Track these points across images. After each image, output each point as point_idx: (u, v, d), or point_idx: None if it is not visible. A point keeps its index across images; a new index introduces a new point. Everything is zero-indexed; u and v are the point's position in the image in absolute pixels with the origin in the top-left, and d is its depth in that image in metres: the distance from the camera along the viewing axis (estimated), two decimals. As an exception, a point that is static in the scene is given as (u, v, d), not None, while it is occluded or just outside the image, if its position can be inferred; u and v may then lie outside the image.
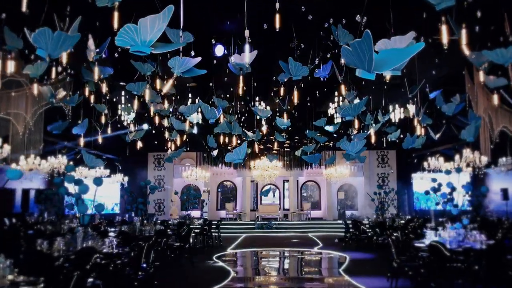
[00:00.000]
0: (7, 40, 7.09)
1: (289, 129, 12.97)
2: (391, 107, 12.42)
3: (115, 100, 12.46)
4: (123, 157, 25.37)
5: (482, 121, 12.38)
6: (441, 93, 10.41)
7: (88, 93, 10.28)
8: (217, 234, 17.08)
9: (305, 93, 9.77)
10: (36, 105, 12.68)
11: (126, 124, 13.36)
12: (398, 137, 13.01)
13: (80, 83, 10.45)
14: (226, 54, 9.14)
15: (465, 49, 6.64)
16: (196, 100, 9.28)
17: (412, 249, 8.98)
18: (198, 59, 5.42)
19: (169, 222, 17.12)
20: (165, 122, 12.99)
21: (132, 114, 12.22)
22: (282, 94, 9.12)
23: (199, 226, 16.38)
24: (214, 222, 18.25)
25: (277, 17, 5.59)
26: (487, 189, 19.54)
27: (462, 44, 6.69)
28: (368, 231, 15.42)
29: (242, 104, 13.39)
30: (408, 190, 26.07)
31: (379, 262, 12.33)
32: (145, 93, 8.37)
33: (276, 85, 10.16)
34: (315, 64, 8.28)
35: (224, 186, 27.73)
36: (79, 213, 8.85)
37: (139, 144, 14.65)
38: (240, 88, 8.31)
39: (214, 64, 9.00)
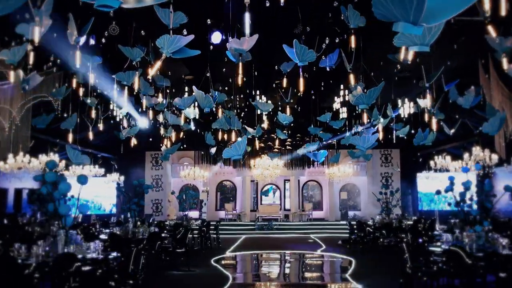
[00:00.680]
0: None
1: (291, 124, 12.24)
2: (400, 101, 11.69)
3: (107, 94, 11.73)
4: (119, 156, 24.65)
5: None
6: (455, 86, 9.70)
7: (76, 85, 9.54)
8: (215, 236, 16.36)
9: (308, 86, 9.06)
10: (23, 99, 11.94)
11: (118, 120, 12.61)
12: (406, 133, 12.26)
13: (68, 74, 9.72)
14: (224, 39, 8.40)
15: (491, 31, 5.89)
16: (192, 89, 8.52)
17: (427, 254, 8.26)
18: (191, 37, 4.70)
19: (165, 223, 16.42)
20: (160, 118, 12.25)
21: (125, 109, 11.50)
22: (285, 86, 8.40)
23: (197, 227, 15.66)
24: (212, 223, 17.55)
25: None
26: (492, 186, 18.86)
27: (486, 25, 5.95)
28: (375, 232, 14.67)
29: (241, 97, 12.67)
30: (412, 190, 25.34)
31: (387, 266, 11.59)
32: (135, 83, 7.63)
33: (278, 76, 9.41)
34: (321, 52, 7.55)
35: (223, 186, 27.00)
36: (61, 214, 8.08)
37: (134, 142, 13.95)
38: (239, 78, 7.57)
39: (211, 52, 8.30)
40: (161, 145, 13.19)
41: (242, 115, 13.36)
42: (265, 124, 12.11)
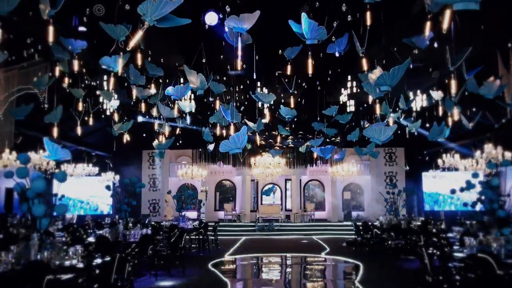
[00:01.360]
0: None
1: (294, 118, 11.39)
2: (411, 94, 10.85)
3: (96, 85, 10.89)
4: (114, 154, 23.81)
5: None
6: (474, 76, 8.85)
7: (59, 73, 8.68)
8: (214, 238, 15.53)
9: (314, 76, 8.24)
10: (6, 91, 11.10)
11: (109, 113, 11.75)
12: (417, 128, 11.42)
13: (52, 62, 8.87)
14: (220, 21, 7.57)
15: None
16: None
17: (447, 260, 7.43)
18: (179, 1, 3.85)
19: (161, 224, 15.59)
20: (154, 112, 11.40)
21: (116, 101, 10.65)
22: (289, 73, 7.58)
23: (194, 228, 14.83)
24: (211, 224, 16.72)
25: None
26: (499, 183, 18.00)
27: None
28: (383, 234, 13.84)
29: (240, 89, 11.81)
30: (418, 190, 24.47)
31: (400, 272, 10.77)
32: (119, 65, 6.76)
33: (282, 65, 8.57)
34: (331, 32, 6.71)
35: (222, 186, 26.14)
36: (35, 215, 7.18)
37: (127, 138, 13.10)
38: (238, 63, 6.73)
39: (206, 35, 7.47)
40: (154, 139, 12.33)
41: (241, 109, 12.51)
42: (267, 118, 11.23)
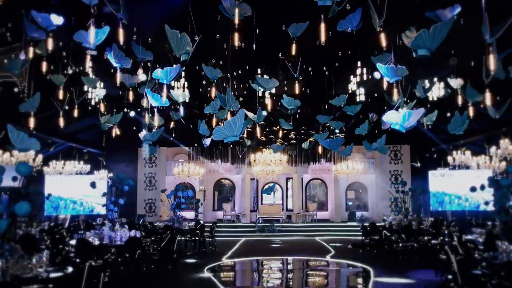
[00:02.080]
0: None
1: (298, 111, 10.38)
2: (427, 82, 9.86)
3: (80, 71, 9.85)
4: (108, 151, 22.84)
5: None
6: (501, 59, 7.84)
7: (32, 54, 7.67)
8: (211, 240, 14.53)
9: (320, 60, 7.29)
10: (-19, 79, 10.09)
11: (94, 103, 10.74)
12: (433, 120, 10.42)
13: (26, 43, 7.86)
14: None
15: None
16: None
17: (475, 266, 6.44)
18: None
19: (155, 225, 14.62)
20: (144, 103, 10.38)
21: (102, 90, 9.64)
22: (294, 54, 6.59)
23: (189, 230, 13.86)
24: (208, 225, 15.73)
25: None
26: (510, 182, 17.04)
27: None
28: (392, 235, 12.85)
29: (239, 74, 10.76)
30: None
31: (416, 278, 9.74)
32: (91, 37, 5.73)
33: (286, 46, 7.55)
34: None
35: (221, 185, 25.13)
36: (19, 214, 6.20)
37: (116, 132, 12.10)
38: (235, 37, 5.74)
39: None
40: (141, 131, 11.32)
41: (240, 100, 11.49)
42: (269, 107, 10.20)
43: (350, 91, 10.57)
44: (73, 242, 9.01)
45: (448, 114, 10.44)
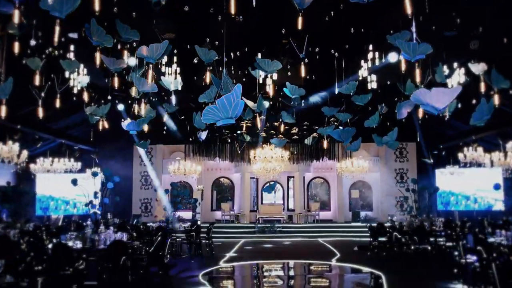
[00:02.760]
0: None
1: (301, 101, 9.37)
2: (446, 67, 8.89)
3: (59, 55, 8.88)
4: (102, 149, 21.84)
5: None
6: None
7: (2, 33, 6.70)
8: (208, 241, 13.53)
9: (328, 40, 6.33)
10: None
11: (76, 91, 9.75)
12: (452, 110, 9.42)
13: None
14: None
15: None
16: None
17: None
18: None
19: (148, 226, 13.63)
20: (133, 91, 9.41)
21: (85, 77, 8.67)
22: (300, 27, 5.62)
23: (184, 231, 12.90)
24: (205, 226, 14.74)
25: None
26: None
27: None
28: (403, 237, 11.89)
29: (237, 56, 9.75)
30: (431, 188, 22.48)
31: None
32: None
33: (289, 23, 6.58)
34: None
35: (220, 184, 24.14)
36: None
37: (104, 125, 11.11)
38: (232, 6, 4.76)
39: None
40: (122, 120, 10.31)
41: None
42: (270, 95, 9.22)
43: (360, 78, 9.62)
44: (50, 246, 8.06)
45: (459, 105, 9.44)
